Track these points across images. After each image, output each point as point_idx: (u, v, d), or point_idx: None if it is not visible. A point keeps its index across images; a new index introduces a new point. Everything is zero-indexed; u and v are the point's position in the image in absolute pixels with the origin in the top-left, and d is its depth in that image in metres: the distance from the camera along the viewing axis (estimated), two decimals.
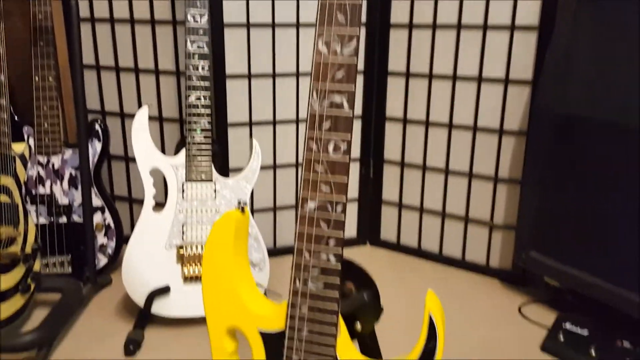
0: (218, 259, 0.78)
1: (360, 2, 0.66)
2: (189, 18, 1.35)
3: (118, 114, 1.81)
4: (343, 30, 0.67)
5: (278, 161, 1.81)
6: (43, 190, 1.59)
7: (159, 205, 1.41)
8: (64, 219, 1.60)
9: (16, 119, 1.54)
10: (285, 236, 1.88)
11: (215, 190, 1.42)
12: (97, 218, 1.62)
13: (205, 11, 1.36)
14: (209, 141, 1.39)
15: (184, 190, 1.40)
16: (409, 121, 1.81)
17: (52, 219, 1.60)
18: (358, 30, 0.67)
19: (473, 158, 1.72)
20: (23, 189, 1.37)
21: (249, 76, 1.70)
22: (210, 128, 1.39)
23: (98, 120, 1.62)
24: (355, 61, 0.68)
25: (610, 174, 1.33)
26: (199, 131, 1.39)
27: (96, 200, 1.61)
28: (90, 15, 1.74)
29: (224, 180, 1.42)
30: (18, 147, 1.36)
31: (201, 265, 1.37)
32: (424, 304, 0.70)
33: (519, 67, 1.59)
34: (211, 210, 1.42)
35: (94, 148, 1.60)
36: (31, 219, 1.41)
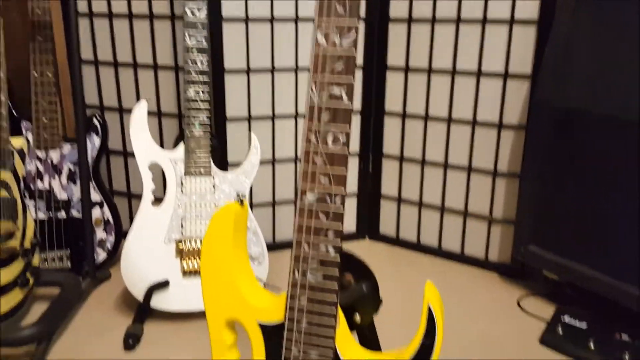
0: (217, 251, 0.78)
1: None
2: (188, 12, 1.35)
3: (116, 109, 1.81)
4: (342, 22, 0.66)
5: (277, 156, 1.81)
6: (42, 185, 1.59)
7: (157, 200, 1.41)
8: (62, 214, 1.60)
9: (15, 114, 1.54)
10: (284, 231, 1.88)
11: (214, 185, 1.42)
12: (96, 213, 1.62)
13: (204, 5, 1.35)
14: (208, 135, 1.39)
15: (182, 185, 1.40)
16: (408, 116, 1.81)
17: (51, 214, 1.60)
18: (357, 21, 0.66)
19: (472, 152, 1.72)
20: (22, 184, 1.36)
21: (248, 71, 1.70)
22: (208, 122, 1.39)
23: (96, 115, 1.61)
24: (354, 52, 0.67)
25: (609, 168, 1.33)
26: (197, 125, 1.38)
27: (95, 195, 1.61)
28: (89, 10, 1.73)
29: (223, 174, 1.42)
30: (16, 142, 1.36)
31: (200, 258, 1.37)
32: (423, 295, 0.70)
33: (518, 62, 1.58)
34: (210, 205, 1.42)
35: (93, 143, 1.60)
36: (30, 214, 1.41)
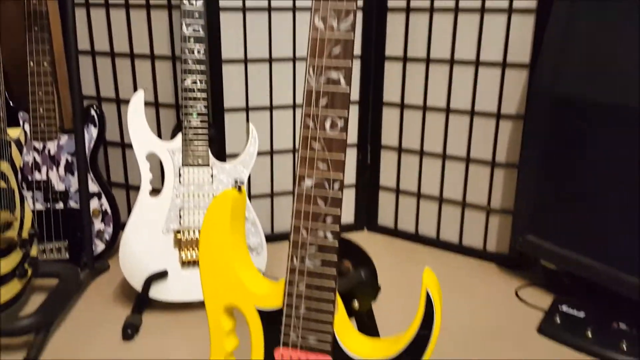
0: (215, 238, 0.78)
1: None
2: (185, 1, 1.34)
3: (114, 100, 1.80)
4: (340, 5, 0.66)
5: (275, 147, 1.80)
6: (39, 176, 1.58)
7: (155, 191, 1.40)
8: (60, 205, 1.60)
9: (11, 104, 1.54)
10: (282, 222, 1.88)
11: (212, 175, 1.41)
12: (94, 204, 1.62)
13: None
14: (205, 125, 1.39)
15: (180, 175, 1.40)
16: (406, 106, 1.81)
17: (49, 205, 1.59)
18: (355, 5, 0.66)
19: (470, 142, 1.71)
20: (19, 175, 1.36)
21: (245, 61, 1.69)
22: (206, 112, 1.39)
23: (94, 106, 1.61)
24: (352, 36, 0.67)
25: (609, 157, 1.33)
26: (195, 115, 1.38)
27: (93, 186, 1.60)
28: (85, 0, 1.72)
29: (221, 164, 1.42)
30: (13, 133, 1.35)
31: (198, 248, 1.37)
32: (421, 281, 0.70)
33: (516, 51, 1.58)
34: (208, 195, 1.42)
35: (90, 134, 1.60)
36: (27, 204, 1.41)
